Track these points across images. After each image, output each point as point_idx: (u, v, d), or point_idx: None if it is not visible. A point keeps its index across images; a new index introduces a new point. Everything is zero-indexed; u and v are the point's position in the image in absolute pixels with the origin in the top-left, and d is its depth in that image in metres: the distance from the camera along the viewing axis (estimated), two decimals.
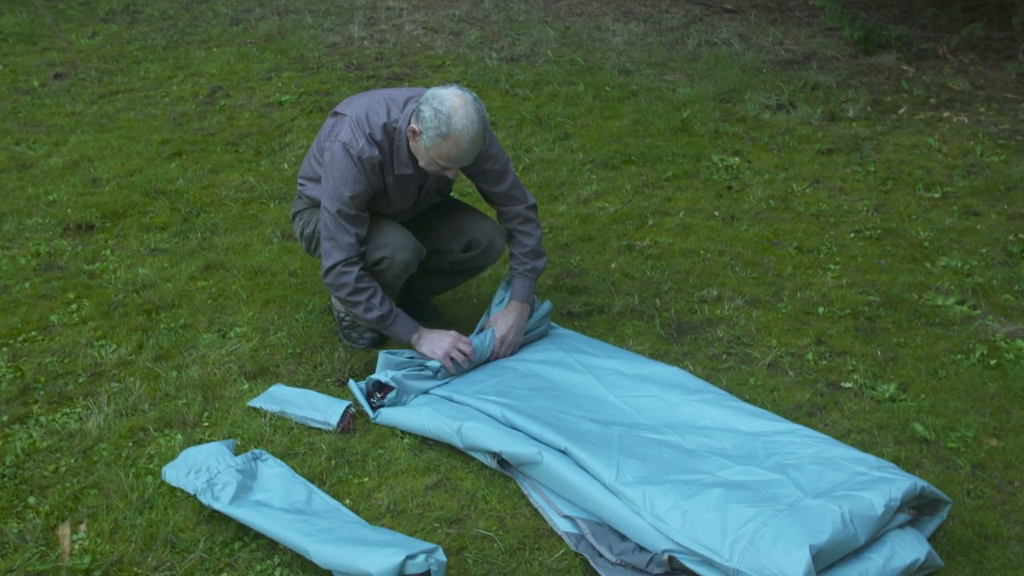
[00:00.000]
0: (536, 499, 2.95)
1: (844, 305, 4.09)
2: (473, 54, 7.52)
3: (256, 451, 3.01)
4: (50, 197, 5.03)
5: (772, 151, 5.77)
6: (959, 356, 3.74)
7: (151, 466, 3.07)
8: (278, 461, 3.01)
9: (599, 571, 2.68)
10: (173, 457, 3.02)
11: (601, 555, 2.72)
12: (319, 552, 2.55)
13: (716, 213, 4.97)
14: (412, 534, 2.80)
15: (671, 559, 2.62)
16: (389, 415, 3.29)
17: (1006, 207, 5.06)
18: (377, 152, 3.32)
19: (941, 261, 4.47)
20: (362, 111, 3.36)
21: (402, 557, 2.44)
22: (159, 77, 7.05)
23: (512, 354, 3.63)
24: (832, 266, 4.43)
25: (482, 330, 3.62)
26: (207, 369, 3.59)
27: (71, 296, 4.08)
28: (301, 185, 3.67)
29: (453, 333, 3.49)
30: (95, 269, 4.33)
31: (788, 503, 2.61)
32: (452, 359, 3.43)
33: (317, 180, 3.54)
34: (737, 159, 5.60)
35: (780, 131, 6.05)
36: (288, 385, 3.49)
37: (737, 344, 3.81)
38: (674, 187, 5.27)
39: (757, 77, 7.00)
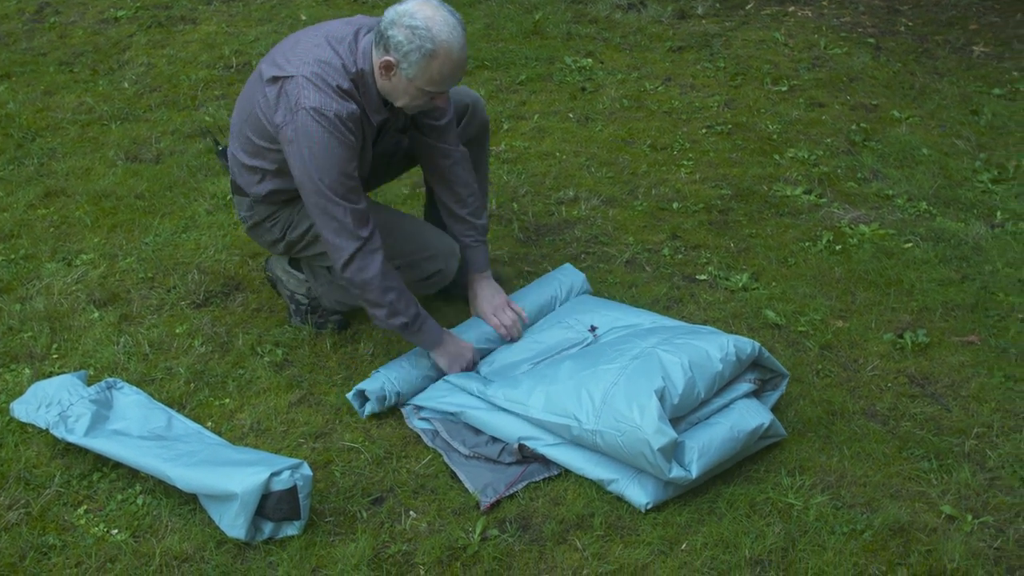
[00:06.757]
0: None
1: (698, 200, 4.17)
2: None
3: (111, 380, 2.92)
4: None
5: (624, 51, 5.78)
6: (807, 244, 3.87)
7: None
8: (134, 388, 2.93)
9: (452, 466, 2.74)
10: (21, 393, 2.91)
11: (455, 449, 2.79)
12: (181, 476, 2.51)
13: (571, 115, 4.97)
14: (277, 451, 2.77)
15: (521, 447, 2.72)
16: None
17: (848, 98, 5.21)
18: (354, 105, 2.75)
19: (789, 152, 4.59)
20: (311, 64, 2.74)
21: (267, 475, 2.42)
22: None
23: (517, 323, 3.17)
24: (685, 162, 4.50)
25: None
26: (53, 299, 3.44)
27: None
28: (249, 183, 3.02)
29: (471, 347, 3.04)
30: None
31: (633, 355, 2.72)
32: None
33: (261, 172, 2.97)
34: (590, 60, 5.60)
35: (632, 31, 6.07)
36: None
37: (595, 243, 3.85)
38: (528, 91, 5.24)
39: None
